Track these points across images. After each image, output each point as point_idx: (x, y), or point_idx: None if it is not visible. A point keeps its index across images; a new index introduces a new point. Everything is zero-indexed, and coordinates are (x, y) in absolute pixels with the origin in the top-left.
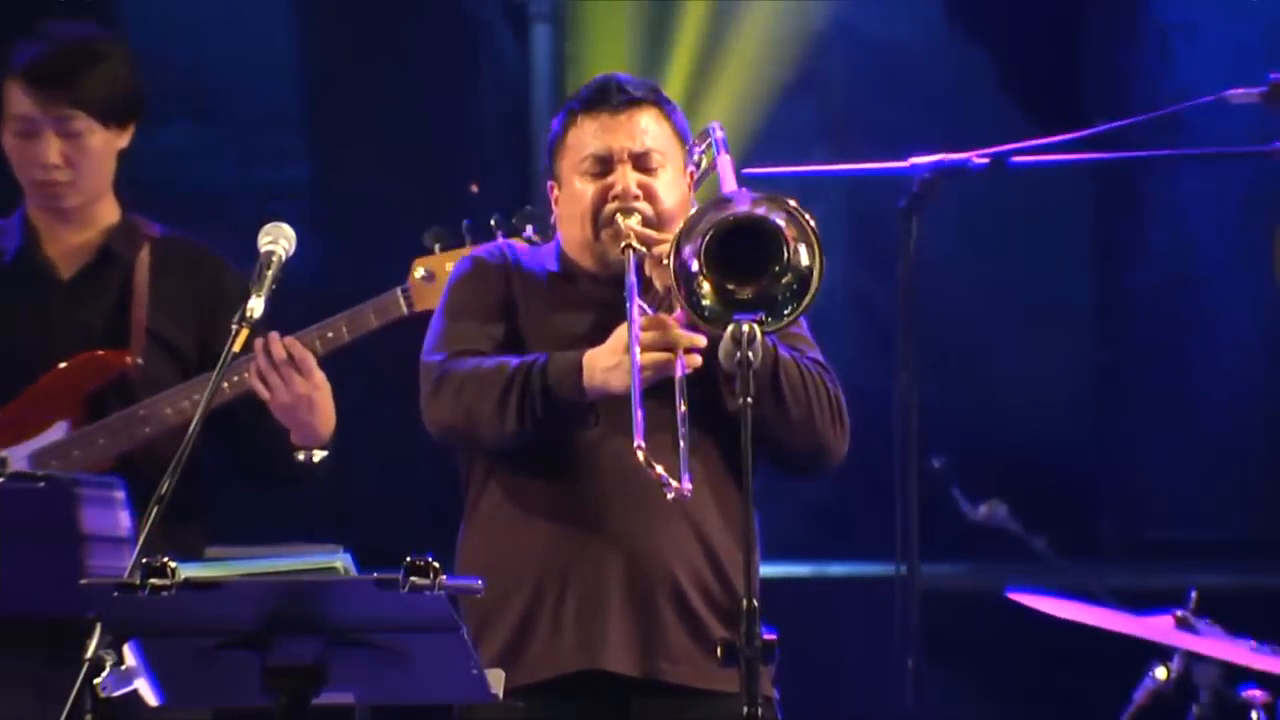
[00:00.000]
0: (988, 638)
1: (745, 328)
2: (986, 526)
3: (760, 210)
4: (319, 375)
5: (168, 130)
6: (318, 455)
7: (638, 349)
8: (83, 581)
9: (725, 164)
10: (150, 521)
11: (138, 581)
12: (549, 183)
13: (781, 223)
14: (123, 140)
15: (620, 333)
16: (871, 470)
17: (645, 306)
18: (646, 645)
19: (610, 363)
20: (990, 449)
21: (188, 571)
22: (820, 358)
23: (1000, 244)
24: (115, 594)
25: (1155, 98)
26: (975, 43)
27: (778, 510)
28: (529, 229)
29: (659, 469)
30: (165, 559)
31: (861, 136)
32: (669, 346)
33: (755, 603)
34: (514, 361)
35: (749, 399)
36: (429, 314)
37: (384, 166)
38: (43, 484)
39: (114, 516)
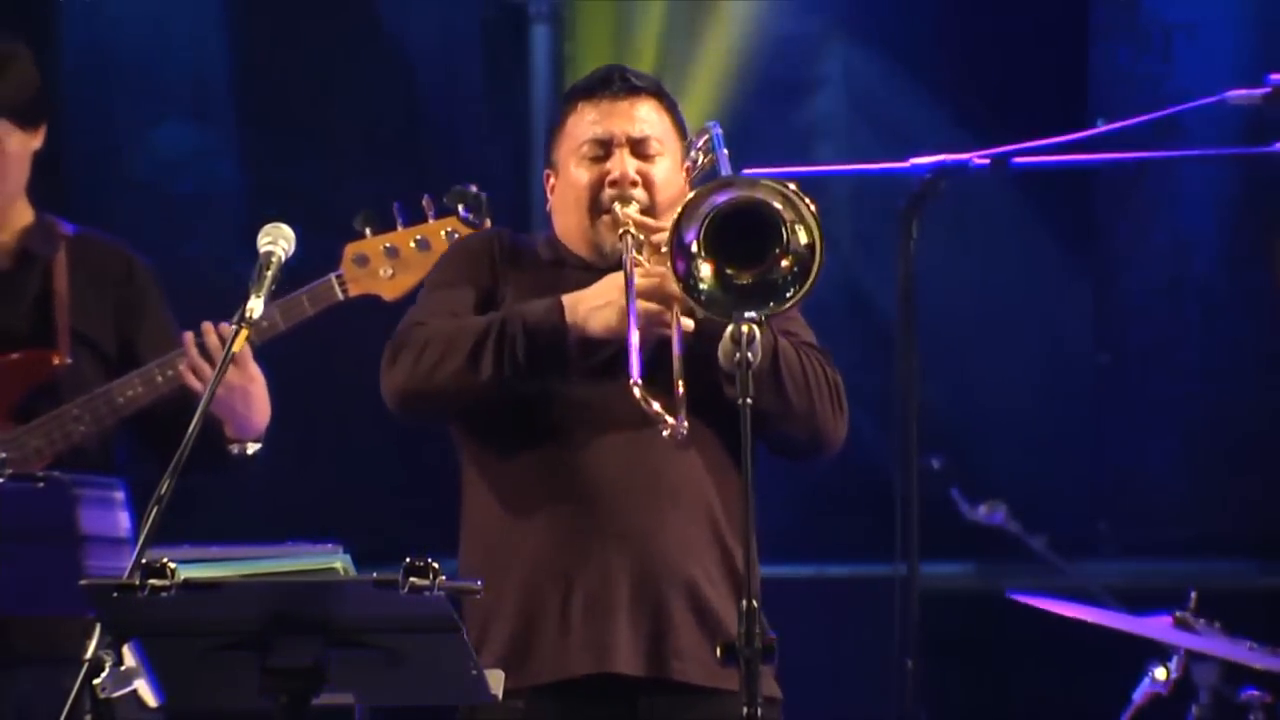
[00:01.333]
0: (987, 638)
1: (745, 328)
2: (986, 526)
3: (759, 194)
4: (254, 367)
5: (165, 131)
6: (252, 447)
7: (634, 294)
8: (82, 582)
9: (724, 160)
10: (150, 522)
11: (137, 582)
12: (545, 171)
13: (780, 206)
14: (37, 141)
15: (611, 278)
16: (871, 470)
17: (643, 260)
18: (655, 645)
19: (598, 302)
20: (989, 449)
21: (187, 572)
22: (815, 342)
23: (1000, 244)
24: (114, 595)
25: (1156, 98)
26: (977, 42)
27: (777, 510)
28: (460, 208)
29: (656, 405)
30: (164, 559)
31: (861, 136)
32: (664, 298)
33: (755, 603)
34: (482, 317)
35: (748, 399)
36: (364, 299)
37: (382, 167)
38: (42, 484)
39: (113, 517)
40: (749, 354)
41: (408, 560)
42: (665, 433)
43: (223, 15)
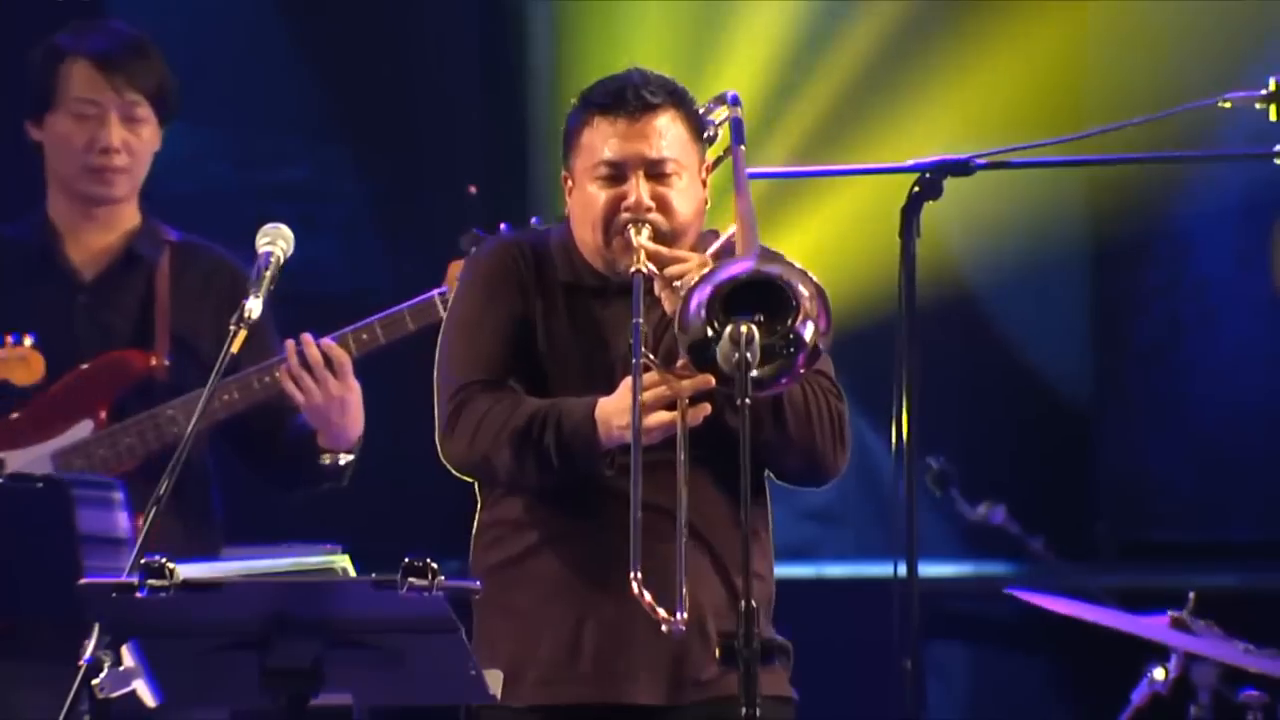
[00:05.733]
0: (986, 639)
1: (744, 328)
2: (985, 527)
3: (773, 270)
4: (352, 378)
5: (164, 132)
6: (344, 459)
7: (638, 429)
8: (81, 582)
9: (739, 159)
10: (149, 521)
11: (135, 583)
12: (563, 173)
13: (805, 293)
14: (158, 142)
15: (627, 388)
16: (871, 470)
17: (651, 356)
18: (672, 673)
19: (624, 421)
20: (989, 449)
21: (186, 572)
22: (829, 371)
23: (999, 244)
24: (113, 595)
25: (1156, 99)
26: (977, 43)
27: (777, 511)
28: None
29: (648, 598)
30: (164, 560)
31: (862, 136)
32: (673, 401)
33: (754, 604)
34: (528, 410)
35: (747, 399)
36: None
37: (382, 168)
38: (40, 485)
39: (111, 517)
40: (747, 354)
41: (407, 560)
42: (664, 628)
43: (219, 15)
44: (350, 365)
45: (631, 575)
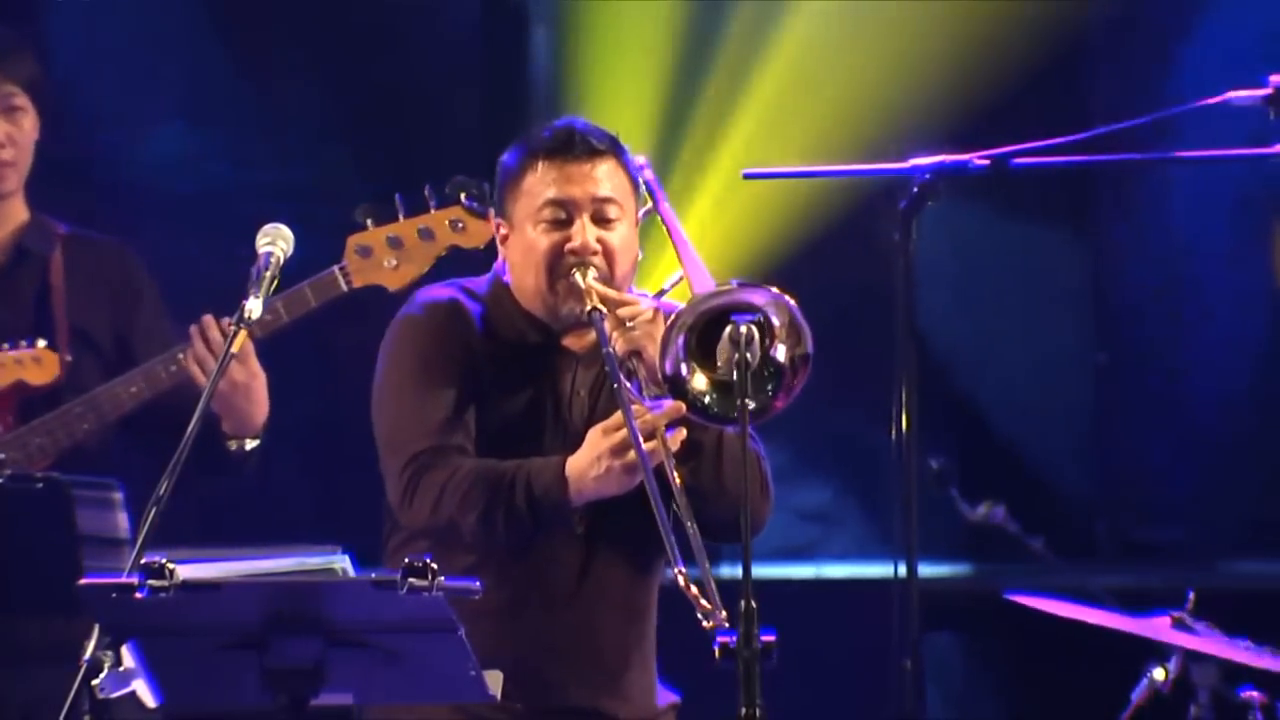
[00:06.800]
0: (986, 639)
1: (744, 329)
2: (984, 527)
3: (730, 298)
4: (255, 362)
5: (164, 132)
6: (249, 444)
7: (647, 460)
8: (80, 582)
9: (668, 212)
10: (149, 522)
11: (135, 583)
12: (496, 220)
13: (776, 321)
14: (37, 132)
15: (596, 438)
16: (871, 471)
17: (633, 391)
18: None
19: (599, 470)
20: (989, 449)
21: (186, 572)
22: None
23: (999, 245)
24: (113, 595)
25: (1156, 100)
26: (978, 44)
27: (777, 512)
28: (463, 197)
29: (694, 591)
30: (164, 560)
31: (860, 137)
32: (650, 433)
33: (754, 604)
34: (493, 475)
35: (747, 399)
36: (367, 289)
37: (382, 168)
38: (41, 485)
39: (111, 517)
40: (748, 354)
41: (407, 561)
42: (706, 622)
43: (220, 16)
44: (252, 348)
45: (676, 570)
